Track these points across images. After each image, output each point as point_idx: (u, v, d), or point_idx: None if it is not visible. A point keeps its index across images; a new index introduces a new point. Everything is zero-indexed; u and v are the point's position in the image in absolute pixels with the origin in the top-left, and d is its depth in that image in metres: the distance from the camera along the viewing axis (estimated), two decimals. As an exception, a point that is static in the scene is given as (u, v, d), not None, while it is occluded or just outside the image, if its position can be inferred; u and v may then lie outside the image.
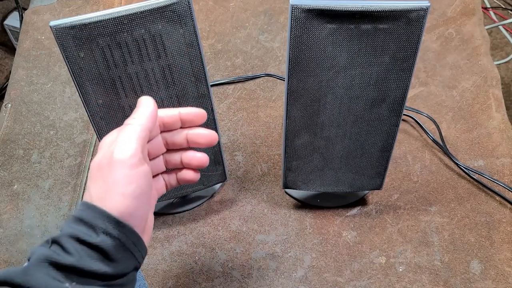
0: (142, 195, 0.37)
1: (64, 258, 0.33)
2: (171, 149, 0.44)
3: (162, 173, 0.45)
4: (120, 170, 0.36)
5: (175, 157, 0.44)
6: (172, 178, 0.45)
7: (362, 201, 0.71)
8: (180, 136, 0.43)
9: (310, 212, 0.71)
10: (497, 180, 0.71)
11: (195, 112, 0.43)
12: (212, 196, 0.72)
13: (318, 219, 0.70)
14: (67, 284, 0.32)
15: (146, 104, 0.40)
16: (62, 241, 0.34)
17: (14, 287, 0.32)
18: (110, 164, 0.36)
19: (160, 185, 0.45)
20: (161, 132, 0.43)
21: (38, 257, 0.33)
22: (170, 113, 0.43)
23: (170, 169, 0.46)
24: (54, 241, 0.34)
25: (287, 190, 0.72)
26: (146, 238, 0.39)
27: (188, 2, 0.51)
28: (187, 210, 0.71)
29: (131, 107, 0.56)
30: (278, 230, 0.69)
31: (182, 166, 0.45)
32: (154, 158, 0.44)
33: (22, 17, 1.25)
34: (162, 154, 0.44)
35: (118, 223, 0.35)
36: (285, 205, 0.71)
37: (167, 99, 0.57)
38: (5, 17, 1.41)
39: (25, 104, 0.84)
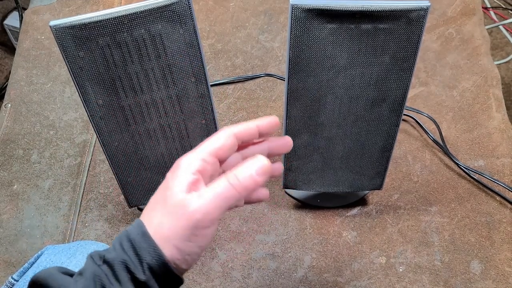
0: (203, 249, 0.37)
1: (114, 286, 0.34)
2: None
3: None
4: (201, 227, 0.36)
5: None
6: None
7: (362, 201, 0.71)
8: (259, 149, 0.42)
9: (310, 212, 0.70)
10: (497, 180, 0.71)
11: (271, 122, 0.41)
12: (212, 196, 0.72)
13: (318, 219, 0.70)
14: None
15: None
16: (115, 268, 0.34)
17: None
18: (193, 216, 0.36)
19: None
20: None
21: (91, 276, 0.34)
22: (249, 130, 0.40)
23: None
24: (106, 262, 0.35)
25: (287, 190, 0.72)
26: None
27: (188, 2, 0.51)
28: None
29: (131, 107, 0.56)
30: (278, 230, 0.69)
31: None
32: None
33: (22, 17, 1.24)
34: None
35: (166, 269, 0.35)
36: (285, 205, 0.71)
37: (167, 99, 0.57)
38: (5, 17, 1.41)
39: (25, 104, 0.84)
